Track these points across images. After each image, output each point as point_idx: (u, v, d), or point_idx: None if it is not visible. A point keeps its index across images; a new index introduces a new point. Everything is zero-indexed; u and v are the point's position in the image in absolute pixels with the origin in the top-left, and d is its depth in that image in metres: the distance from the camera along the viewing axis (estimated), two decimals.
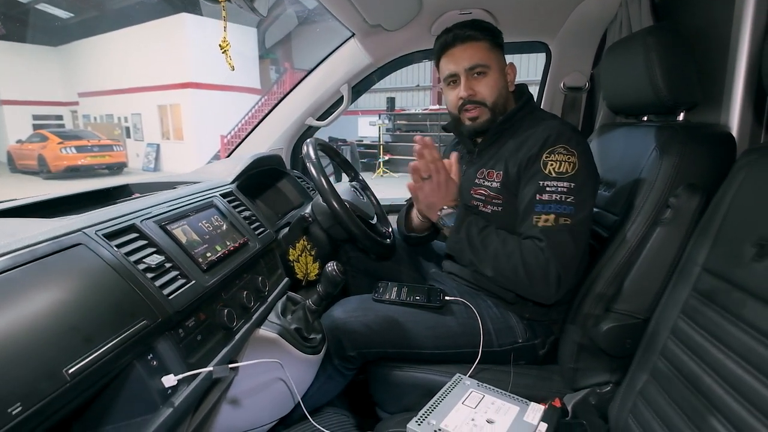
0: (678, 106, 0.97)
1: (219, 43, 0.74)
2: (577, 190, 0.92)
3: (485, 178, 1.07)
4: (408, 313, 1.04)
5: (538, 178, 0.95)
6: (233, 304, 0.79)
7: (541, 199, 0.93)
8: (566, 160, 0.93)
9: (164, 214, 0.75)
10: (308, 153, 1.09)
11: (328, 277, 0.90)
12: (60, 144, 11.13)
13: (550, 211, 0.92)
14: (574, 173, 0.93)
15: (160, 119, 13.54)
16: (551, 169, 0.94)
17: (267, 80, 14.58)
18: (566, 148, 0.94)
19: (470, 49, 1.03)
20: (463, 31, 1.03)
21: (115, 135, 13.82)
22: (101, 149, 11.65)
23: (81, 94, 15.70)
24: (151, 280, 0.61)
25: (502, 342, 1.04)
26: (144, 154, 13.54)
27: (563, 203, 0.92)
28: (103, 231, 0.62)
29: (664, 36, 0.94)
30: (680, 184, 0.87)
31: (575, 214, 0.91)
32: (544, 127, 0.99)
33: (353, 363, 1.05)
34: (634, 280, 0.90)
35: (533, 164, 0.96)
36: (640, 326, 0.88)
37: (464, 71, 1.04)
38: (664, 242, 0.87)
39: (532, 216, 0.93)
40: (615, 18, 1.28)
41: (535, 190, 0.94)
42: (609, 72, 1.12)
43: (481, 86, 1.04)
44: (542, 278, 0.90)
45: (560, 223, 0.91)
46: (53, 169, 10.99)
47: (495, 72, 1.04)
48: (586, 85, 1.48)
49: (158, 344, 0.60)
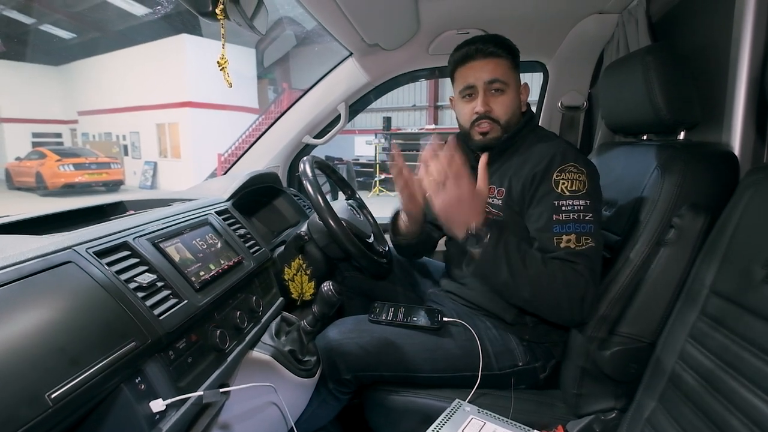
0: (678, 125, 0.97)
1: (217, 60, 0.73)
2: (593, 207, 0.91)
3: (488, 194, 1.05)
4: (405, 335, 1.01)
5: (551, 198, 0.92)
6: (226, 325, 0.76)
7: (559, 219, 0.91)
8: (577, 179, 0.92)
9: (157, 232, 0.73)
10: (305, 171, 1.08)
11: (323, 298, 0.87)
12: (58, 161, 11.14)
13: (570, 230, 0.89)
14: (586, 191, 0.92)
15: (158, 137, 13.60)
16: (564, 187, 0.92)
17: (265, 100, 14.74)
18: (576, 167, 0.93)
19: (491, 64, 1.01)
20: (487, 46, 1.01)
21: (113, 153, 13.85)
22: (99, 167, 11.66)
23: (80, 112, 15.80)
24: (141, 300, 0.59)
25: (502, 365, 1.01)
26: (141, 172, 13.54)
27: (582, 221, 0.90)
28: (93, 248, 0.60)
29: (662, 55, 0.94)
30: (683, 203, 0.86)
31: (595, 233, 0.90)
32: (548, 145, 0.99)
33: (348, 387, 1.01)
34: (638, 302, 0.88)
35: (541, 183, 0.95)
36: (646, 350, 0.85)
37: (483, 85, 1.01)
38: (668, 263, 0.85)
39: (552, 237, 0.90)
40: (612, 38, 1.30)
41: (551, 211, 0.92)
42: (607, 91, 1.13)
43: (498, 104, 1.02)
44: (580, 302, 0.87)
45: (586, 245, 0.89)
46: (50, 186, 10.96)
47: (512, 91, 1.03)
48: (584, 105, 1.49)
49: (147, 367, 0.57)
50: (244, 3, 0.74)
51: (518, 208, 0.99)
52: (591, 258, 0.89)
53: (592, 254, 0.89)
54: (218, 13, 0.71)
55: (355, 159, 12.60)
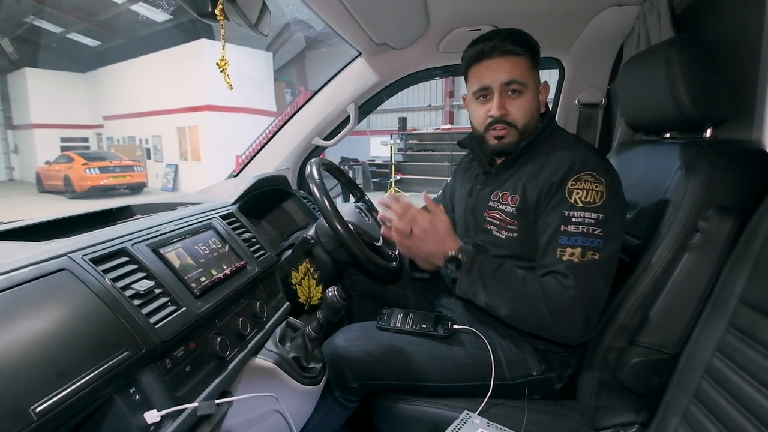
0: (704, 122, 0.91)
1: (216, 62, 0.72)
2: (606, 221, 0.85)
3: (500, 201, 1.00)
4: (414, 343, 0.98)
5: (563, 207, 0.87)
6: (227, 332, 0.75)
7: (567, 231, 0.86)
8: (594, 189, 0.86)
9: (158, 237, 0.72)
10: (311, 173, 1.06)
11: (328, 303, 0.85)
12: (84, 165, 11.50)
13: (576, 244, 0.85)
14: (602, 203, 0.85)
15: (178, 141, 13.89)
16: (577, 198, 0.86)
17: (282, 102, 14.89)
18: (594, 176, 0.87)
19: (509, 63, 0.93)
20: (504, 43, 0.93)
21: (136, 156, 14.22)
22: (123, 170, 11.98)
23: (105, 117, 16.31)
24: (137, 308, 0.58)
25: (515, 374, 0.96)
26: (163, 175, 13.86)
27: (590, 236, 0.84)
28: (90, 255, 0.59)
29: (686, 47, 0.88)
30: (710, 206, 0.80)
31: (603, 248, 0.84)
32: (567, 152, 0.92)
33: (355, 395, 0.99)
34: (660, 310, 0.83)
35: (556, 192, 0.89)
36: (669, 362, 0.80)
37: (499, 86, 0.94)
38: (693, 270, 0.80)
39: (557, 249, 0.86)
40: (632, 31, 1.23)
41: (559, 221, 0.87)
42: (627, 87, 1.07)
43: (515, 107, 0.95)
44: (569, 320, 0.83)
45: (588, 259, 0.84)
46: (78, 189, 11.32)
47: (530, 92, 0.95)
48: (602, 102, 1.43)
49: (142, 376, 0.56)
50: (244, 4, 0.73)
51: (533, 217, 0.94)
52: (590, 272, 0.83)
53: (593, 268, 0.84)
54: (217, 13, 0.69)
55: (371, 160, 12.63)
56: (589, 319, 0.83)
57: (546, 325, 0.85)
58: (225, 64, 0.73)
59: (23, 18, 13.46)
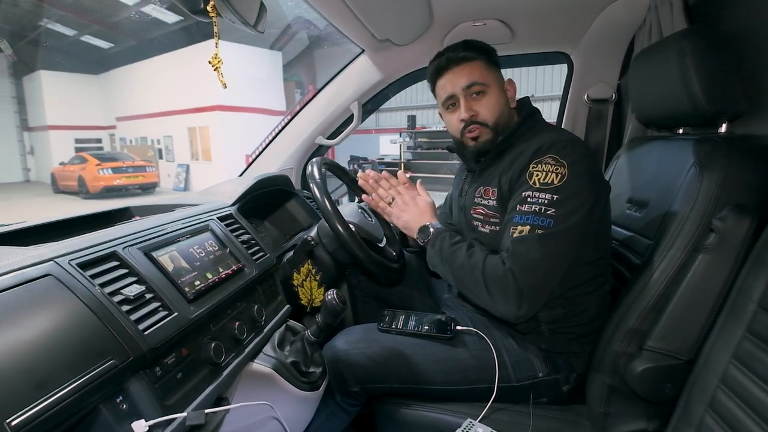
0: (719, 117, 0.87)
1: (209, 60, 0.70)
2: (561, 202, 0.84)
3: (482, 196, 1.00)
4: (416, 345, 0.96)
5: (522, 189, 0.88)
6: (222, 337, 0.73)
7: (521, 210, 0.86)
8: (553, 171, 0.86)
9: (152, 240, 0.71)
10: (312, 173, 1.04)
11: (327, 307, 0.83)
12: (98, 165, 11.67)
13: (526, 222, 0.85)
14: (560, 185, 0.85)
15: (189, 141, 14.02)
16: (536, 179, 0.87)
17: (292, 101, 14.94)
18: (555, 158, 0.87)
19: (466, 69, 0.99)
20: (456, 53, 0.99)
21: (148, 156, 14.39)
22: (135, 170, 12.13)
23: (118, 118, 16.53)
24: (126, 314, 0.56)
25: (520, 377, 0.94)
26: (175, 175, 14.00)
27: (541, 215, 0.84)
28: (77, 260, 0.57)
29: (700, 39, 0.84)
30: (725, 204, 0.76)
31: (553, 227, 0.83)
32: (538, 139, 0.93)
33: (357, 399, 0.97)
34: (673, 314, 0.79)
35: (520, 176, 0.90)
36: (682, 368, 0.76)
37: (462, 91, 0.99)
38: (708, 272, 0.76)
39: (510, 227, 0.87)
40: (643, 23, 1.19)
41: (516, 202, 0.88)
42: (638, 81, 1.03)
43: (481, 106, 0.99)
44: (501, 293, 0.84)
45: (531, 234, 0.83)
46: (91, 190, 11.49)
47: (494, 90, 0.99)
48: (612, 97, 1.39)
49: (130, 385, 0.55)
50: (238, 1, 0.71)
51: None
52: (529, 245, 0.83)
53: (532, 242, 0.83)
54: (209, 10, 0.67)
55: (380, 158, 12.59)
56: (522, 293, 0.82)
57: (483, 296, 0.87)
58: (218, 62, 0.72)
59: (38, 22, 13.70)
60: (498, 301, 0.85)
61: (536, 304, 0.85)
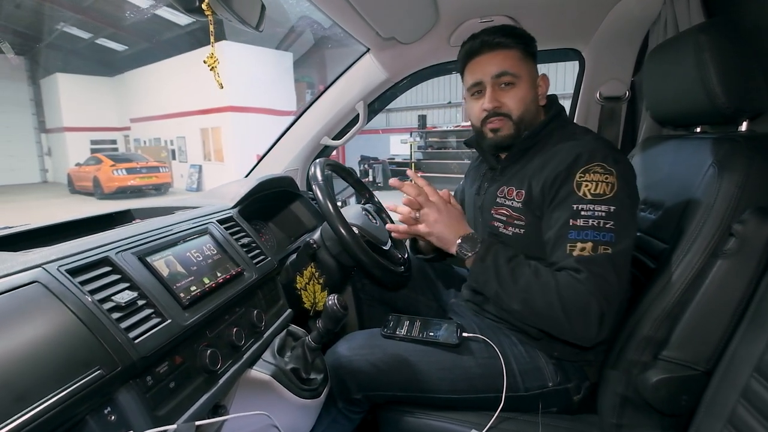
0: (739, 115, 0.83)
1: (204, 59, 0.68)
2: (618, 214, 0.79)
3: (506, 196, 0.96)
4: (420, 352, 0.93)
5: (571, 201, 0.82)
6: (219, 344, 0.71)
7: (576, 225, 0.80)
8: (604, 181, 0.81)
9: (147, 244, 0.69)
10: (315, 174, 1.02)
11: (328, 313, 0.81)
12: (112, 166, 11.86)
13: (587, 238, 0.79)
14: (612, 195, 0.80)
15: (202, 142, 14.16)
16: (586, 190, 0.81)
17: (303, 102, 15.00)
18: (603, 167, 0.82)
19: (499, 57, 0.93)
20: (492, 37, 0.93)
21: (161, 157, 14.57)
22: (149, 171, 12.29)
23: (132, 119, 16.79)
24: (116, 322, 0.55)
25: (529, 385, 0.90)
26: (188, 175, 14.16)
27: (602, 229, 0.79)
28: (67, 266, 0.56)
29: (719, 33, 0.80)
30: (746, 207, 0.72)
31: (616, 243, 0.78)
32: (574, 143, 0.87)
33: (359, 406, 0.94)
34: (690, 322, 0.75)
35: (563, 185, 0.84)
36: (699, 380, 0.73)
37: (491, 80, 0.93)
38: (727, 278, 0.72)
39: (566, 244, 0.80)
40: (658, 17, 1.14)
41: (568, 215, 0.82)
42: (653, 78, 0.99)
43: (508, 98, 0.93)
44: (582, 316, 0.76)
45: (600, 252, 0.78)
46: (106, 190, 11.68)
47: (525, 83, 0.94)
48: (626, 94, 1.34)
49: (119, 395, 0.53)
50: None
51: (539, 212, 0.89)
52: (603, 266, 0.77)
53: (605, 262, 0.77)
54: (204, 8, 0.66)
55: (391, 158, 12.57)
56: (604, 316, 0.76)
57: (558, 320, 0.78)
58: (214, 62, 0.70)
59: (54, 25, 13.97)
60: (577, 325, 0.77)
61: (611, 326, 0.80)
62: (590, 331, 0.77)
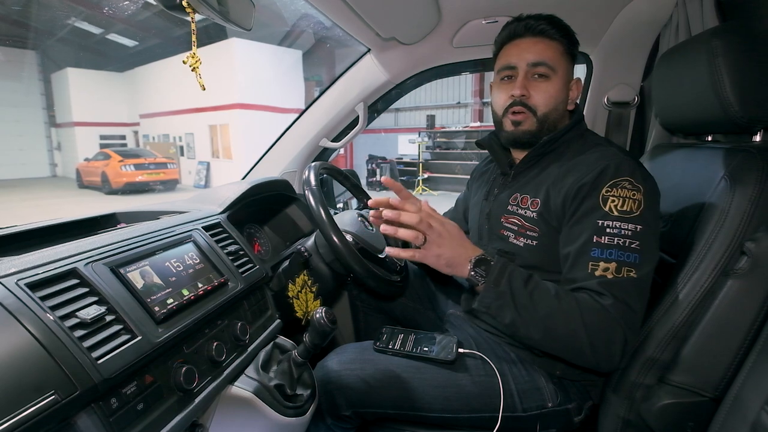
0: (754, 124, 0.78)
1: (183, 59, 0.65)
2: (644, 234, 0.74)
3: (519, 204, 0.91)
4: (413, 368, 0.89)
5: (596, 216, 0.77)
6: (197, 360, 0.68)
7: (600, 242, 0.75)
8: (631, 197, 0.76)
9: (123, 254, 0.66)
10: (308, 178, 0.98)
11: (315, 327, 0.77)
12: (120, 162, 11.93)
13: (611, 258, 0.74)
14: (639, 214, 0.75)
15: (210, 138, 14.21)
16: (612, 206, 0.76)
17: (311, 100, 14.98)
18: (632, 182, 0.77)
19: (540, 45, 0.88)
20: (538, 23, 0.88)
21: (170, 153, 14.64)
22: (157, 167, 12.36)
23: (142, 115, 16.89)
24: (78, 340, 0.51)
25: (527, 406, 0.86)
26: (196, 172, 14.22)
27: (627, 249, 0.74)
28: (27, 280, 0.53)
29: (733, 37, 0.75)
30: (759, 224, 0.67)
31: (641, 265, 0.73)
32: (600, 155, 0.82)
33: (349, 423, 0.91)
34: (697, 345, 0.71)
35: (587, 198, 0.79)
36: (706, 407, 0.68)
37: (526, 66, 0.88)
38: (738, 300, 0.67)
39: (588, 262, 0.75)
40: (669, 21, 1.09)
41: (592, 231, 0.77)
42: (663, 83, 0.94)
43: (539, 91, 0.88)
44: (608, 344, 0.72)
45: (624, 275, 0.73)
46: (114, 186, 11.76)
47: (559, 80, 0.89)
48: (634, 100, 1.29)
49: (79, 420, 0.50)
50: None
51: (556, 224, 0.84)
52: (628, 291, 0.72)
53: (630, 287, 0.72)
54: (185, 5, 0.62)
55: (399, 158, 12.52)
56: (627, 345, 0.72)
57: (582, 349, 0.73)
58: (197, 62, 0.67)
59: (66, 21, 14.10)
60: (601, 353, 0.73)
61: (630, 353, 0.76)
62: (613, 360, 0.73)
